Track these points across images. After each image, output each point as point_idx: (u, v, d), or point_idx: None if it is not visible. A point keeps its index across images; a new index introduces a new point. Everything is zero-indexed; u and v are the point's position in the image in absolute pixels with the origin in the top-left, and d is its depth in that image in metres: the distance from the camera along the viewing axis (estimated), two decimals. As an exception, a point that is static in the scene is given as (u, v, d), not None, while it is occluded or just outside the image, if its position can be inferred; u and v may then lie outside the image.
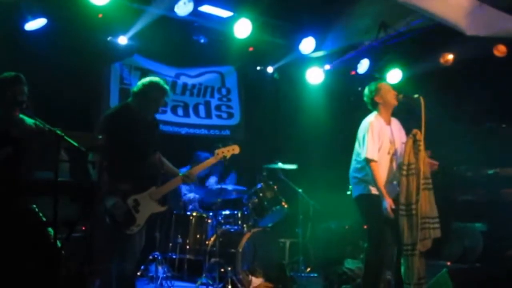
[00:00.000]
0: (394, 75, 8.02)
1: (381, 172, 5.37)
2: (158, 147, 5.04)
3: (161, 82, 4.94)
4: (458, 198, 7.87)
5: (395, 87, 6.67)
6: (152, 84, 4.92)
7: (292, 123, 8.52)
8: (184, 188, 7.11)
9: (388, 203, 5.18)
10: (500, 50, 7.17)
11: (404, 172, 5.31)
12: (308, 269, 7.27)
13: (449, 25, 5.91)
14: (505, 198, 7.60)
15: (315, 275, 7.16)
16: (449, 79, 7.89)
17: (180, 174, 4.98)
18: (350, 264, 6.68)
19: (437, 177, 6.81)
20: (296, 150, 8.12)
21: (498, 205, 7.60)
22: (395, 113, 5.62)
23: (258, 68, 8.29)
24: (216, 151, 5.24)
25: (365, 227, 5.50)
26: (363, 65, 8.05)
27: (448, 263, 7.18)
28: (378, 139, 5.36)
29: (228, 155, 5.28)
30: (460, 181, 7.93)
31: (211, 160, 5.21)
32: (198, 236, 6.58)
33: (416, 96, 5.46)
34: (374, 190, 5.32)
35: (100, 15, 6.30)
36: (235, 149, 5.35)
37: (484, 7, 5.70)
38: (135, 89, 4.95)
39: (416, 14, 6.33)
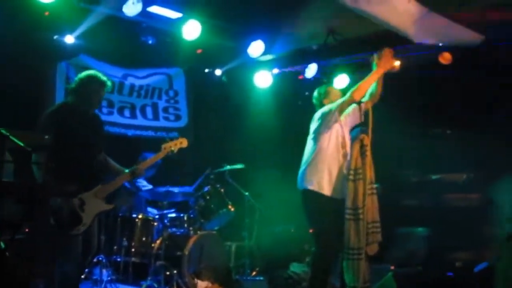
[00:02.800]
0: (342, 80, 8.10)
1: (334, 166, 5.39)
2: (104, 147, 4.95)
3: (98, 74, 4.91)
4: (403, 202, 8.03)
5: (343, 92, 6.78)
6: (89, 77, 4.90)
7: (241, 126, 8.51)
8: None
9: None
10: (445, 58, 7.32)
11: (351, 177, 5.37)
12: (254, 273, 7.27)
13: (397, 32, 6.02)
14: (448, 203, 7.82)
15: (261, 278, 7.17)
16: (396, 85, 8.03)
17: (126, 171, 4.92)
18: (295, 267, 6.71)
19: (382, 182, 6.97)
20: (244, 153, 8.11)
21: (441, 210, 7.81)
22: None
23: (207, 70, 8.24)
24: (163, 145, 5.19)
25: (311, 231, 5.52)
26: (311, 70, 8.09)
27: (392, 267, 7.30)
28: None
29: (176, 149, 5.23)
30: (405, 186, 8.11)
31: (159, 155, 5.16)
32: (143, 238, 6.48)
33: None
34: (322, 189, 5.33)
35: (47, 13, 6.16)
36: (182, 142, 5.31)
37: (433, 15, 5.82)
38: (72, 85, 4.91)
39: (365, 20, 6.43)
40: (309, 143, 5.51)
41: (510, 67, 6.75)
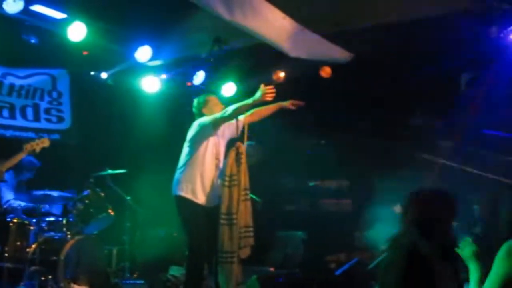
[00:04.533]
0: (229, 89, 8.30)
1: (208, 175, 5.56)
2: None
3: None
4: (282, 207, 8.37)
5: (229, 100, 7.00)
6: None
7: (127, 130, 8.46)
8: (7, 195, 6.79)
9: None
10: (326, 71, 7.74)
11: (227, 183, 5.59)
12: (134, 276, 7.29)
13: (273, 46, 6.30)
14: (324, 208, 8.26)
15: (142, 282, 7.19)
16: (279, 95, 8.35)
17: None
18: (175, 271, 6.82)
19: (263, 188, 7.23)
20: (130, 157, 8.08)
21: (318, 215, 8.23)
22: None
23: (92, 73, 8.14)
24: (24, 145, 5.12)
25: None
26: (199, 77, 8.23)
27: (271, 269, 7.59)
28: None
29: (38, 149, 5.18)
30: (284, 191, 8.45)
31: (20, 155, 5.08)
32: (18, 243, 6.30)
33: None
34: (191, 195, 5.50)
35: None
36: (44, 142, 5.28)
37: (306, 32, 6.15)
38: None
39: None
40: (185, 150, 5.67)
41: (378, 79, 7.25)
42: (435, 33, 6.37)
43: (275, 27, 5.96)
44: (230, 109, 5.48)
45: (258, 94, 5.48)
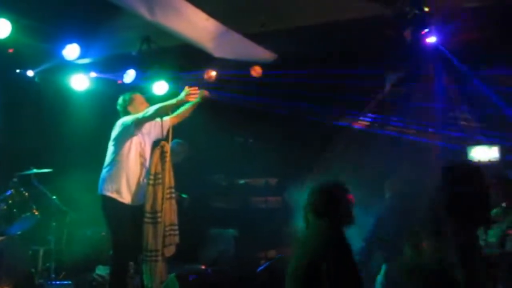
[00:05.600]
0: (160, 87, 8.27)
1: (133, 174, 5.57)
2: None
3: None
4: (214, 205, 8.43)
5: (161, 98, 7.00)
6: None
7: (55, 129, 8.32)
8: None
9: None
10: (256, 71, 7.83)
11: (151, 182, 5.60)
12: (61, 276, 7.20)
13: (197, 46, 6.34)
14: (254, 206, 8.38)
15: (68, 282, 7.09)
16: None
17: None
18: (101, 270, 6.77)
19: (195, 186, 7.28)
20: (58, 156, 7.97)
21: (249, 212, 8.34)
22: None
23: (18, 70, 7.98)
24: None
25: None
26: (130, 75, 8.17)
27: (203, 267, 7.63)
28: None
29: None
30: (215, 189, 8.52)
31: None
32: None
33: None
34: (116, 195, 5.50)
35: None
36: None
37: (230, 33, 6.22)
38: None
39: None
40: (110, 149, 5.66)
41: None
42: (359, 36, 6.56)
43: (199, 28, 6.00)
44: (152, 108, 5.50)
45: (182, 95, 5.52)
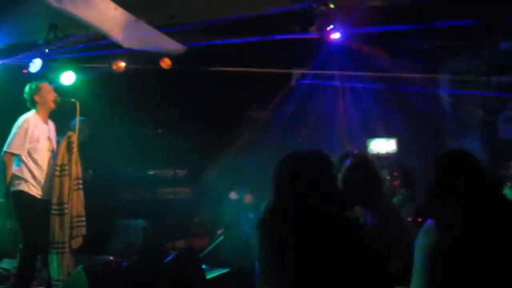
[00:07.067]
0: (68, 77, 8.12)
1: (42, 167, 5.52)
2: None
3: None
4: (122, 196, 8.41)
5: (67, 88, 6.89)
6: None
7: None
8: None
9: None
10: (165, 63, 7.87)
11: (58, 173, 5.57)
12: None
13: (106, 36, 6.32)
14: (163, 197, 8.46)
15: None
16: (120, 85, 8.37)
17: None
18: (6, 264, 6.62)
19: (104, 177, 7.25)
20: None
21: (157, 203, 8.40)
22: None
23: None
24: None
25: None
26: (36, 65, 7.97)
27: (111, 258, 7.61)
28: (33, 136, 5.49)
29: None
30: (124, 181, 8.51)
31: None
32: None
33: (72, 100, 5.79)
34: (27, 188, 5.44)
35: None
36: None
37: (140, 24, 6.23)
38: None
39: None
40: None
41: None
42: (265, 31, 6.74)
43: (107, 17, 5.97)
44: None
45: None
